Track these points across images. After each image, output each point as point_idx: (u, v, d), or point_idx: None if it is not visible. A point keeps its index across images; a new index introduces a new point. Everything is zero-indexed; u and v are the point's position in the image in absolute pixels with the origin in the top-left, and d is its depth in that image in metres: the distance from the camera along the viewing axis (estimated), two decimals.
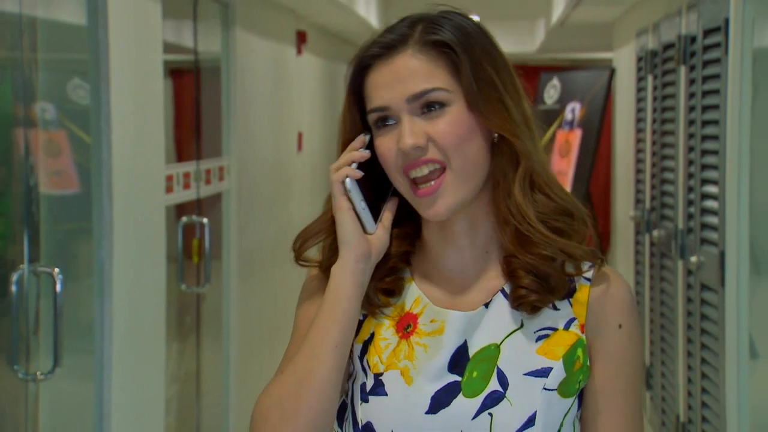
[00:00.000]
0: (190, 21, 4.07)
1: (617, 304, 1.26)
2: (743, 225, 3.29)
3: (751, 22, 3.24)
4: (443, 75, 1.23)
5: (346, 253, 1.23)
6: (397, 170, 1.23)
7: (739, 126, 3.30)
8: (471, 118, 1.22)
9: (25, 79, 2.68)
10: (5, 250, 2.63)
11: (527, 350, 1.23)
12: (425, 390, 1.22)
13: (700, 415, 3.82)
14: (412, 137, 1.21)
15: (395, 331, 1.26)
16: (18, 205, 2.67)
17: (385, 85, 1.23)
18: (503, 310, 1.25)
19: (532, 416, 1.21)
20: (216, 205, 4.40)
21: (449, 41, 1.23)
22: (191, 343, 4.19)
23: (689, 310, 3.99)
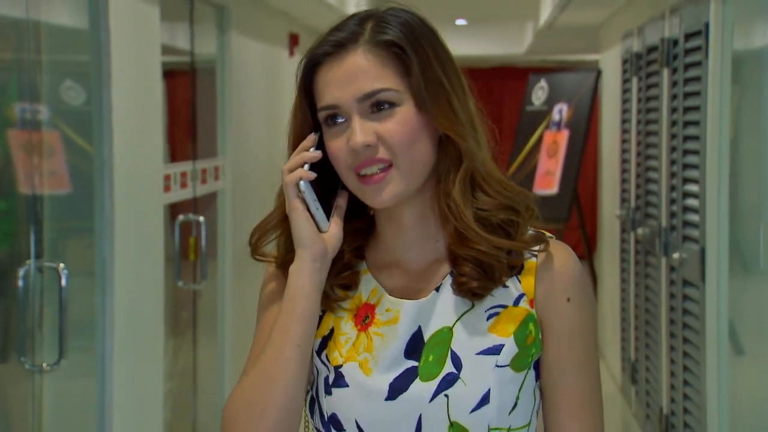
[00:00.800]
0: (186, 24, 4.15)
1: (565, 278, 1.27)
2: (723, 222, 3.38)
3: (730, 27, 3.33)
4: (393, 75, 1.24)
5: (303, 254, 1.24)
6: (346, 168, 1.25)
7: (719, 127, 3.40)
8: (419, 117, 1.24)
9: (30, 82, 2.76)
10: (12, 247, 2.71)
11: (479, 330, 1.25)
12: (383, 379, 1.24)
13: (683, 407, 3.91)
14: (362, 136, 1.22)
15: (354, 324, 1.28)
16: (22, 204, 2.75)
17: (335, 84, 1.23)
18: (453, 294, 1.27)
19: (486, 394, 1.23)
20: (211, 204, 4.48)
21: (399, 41, 1.24)
22: (188, 339, 4.27)
23: (672, 306, 4.09)
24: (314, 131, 1.27)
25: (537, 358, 1.27)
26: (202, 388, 4.41)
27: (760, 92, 3.08)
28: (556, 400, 1.27)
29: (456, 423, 1.22)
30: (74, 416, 3.07)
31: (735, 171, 3.30)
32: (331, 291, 1.29)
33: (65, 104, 3.06)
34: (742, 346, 3.29)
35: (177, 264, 3.99)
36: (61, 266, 2.62)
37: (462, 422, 1.22)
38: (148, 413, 3.49)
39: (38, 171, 2.81)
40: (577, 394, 1.26)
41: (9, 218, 2.71)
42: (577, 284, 1.27)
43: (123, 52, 3.13)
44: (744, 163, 3.29)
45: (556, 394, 1.27)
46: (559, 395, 1.26)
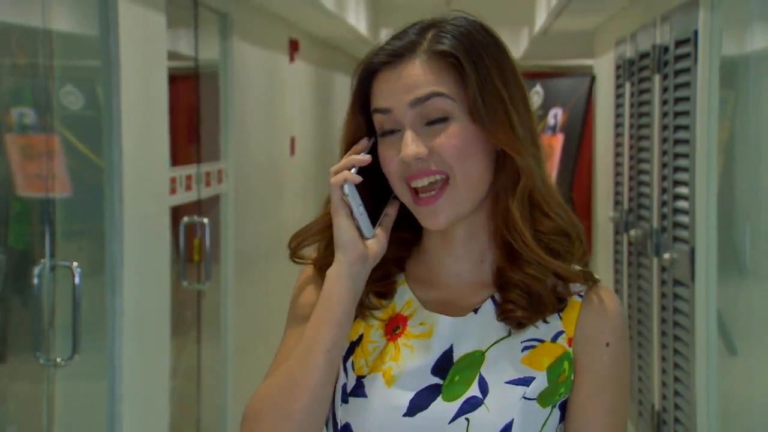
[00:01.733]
0: (191, 30, 4.24)
1: (607, 323, 1.24)
2: (711, 223, 3.47)
3: (718, 34, 3.43)
4: (449, 84, 1.21)
5: (341, 258, 1.21)
6: (398, 178, 1.22)
7: (708, 131, 3.49)
8: (474, 131, 1.20)
9: (44, 87, 2.86)
10: (26, 247, 2.80)
11: (512, 359, 1.22)
12: (405, 392, 1.21)
13: (673, 403, 4.01)
14: (413, 148, 1.19)
15: (383, 333, 1.25)
16: (36, 206, 2.83)
17: (389, 89, 1.21)
18: (491, 318, 1.24)
19: (509, 424, 1.19)
20: (214, 207, 4.57)
21: (456, 51, 1.20)
22: (192, 338, 4.35)
23: (663, 305, 4.18)
24: (367, 137, 1.26)
25: (564, 399, 1.24)
26: (206, 386, 4.49)
27: (749, 96, 3.18)
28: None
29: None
30: (85, 411, 3.16)
31: (729, 173, 3.39)
32: (366, 298, 1.26)
33: (65, 109, 3.10)
34: (735, 346, 3.36)
35: (182, 264, 4.07)
36: (74, 265, 2.71)
37: None
38: (155, 408, 3.58)
39: (50, 174, 2.90)
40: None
41: (23, 219, 2.80)
42: (619, 331, 1.24)
43: (131, 58, 3.22)
44: (737, 166, 3.38)
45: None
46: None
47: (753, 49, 3.10)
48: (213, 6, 4.45)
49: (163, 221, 3.66)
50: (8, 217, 2.72)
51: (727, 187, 3.38)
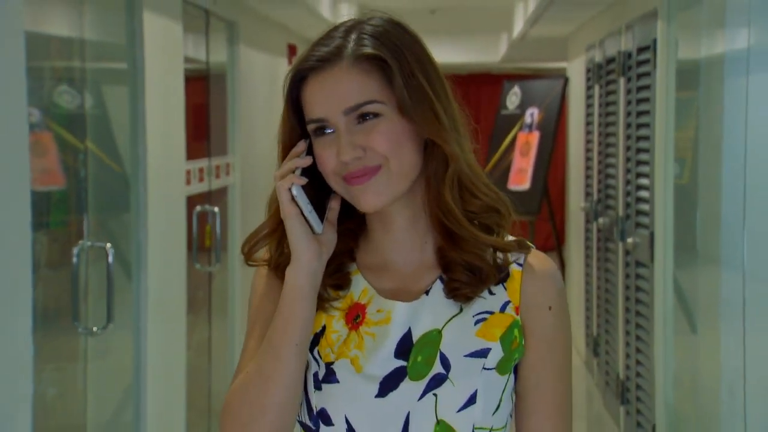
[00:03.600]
0: (203, 36, 4.43)
1: (547, 287, 1.26)
2: (669, 210, 3.68)
3: (674, 42, 3.63)
4: (376, 86, 1.21)
5: (299, 256, 1.20)
6: (333, 174, 1.22)
7: (665, 128, 3.70)
8: (403, 124, 1.21)
9: (78, 89, 3.05)
10: (65, 229, 2.99)
11: (467, 333, 1.23)
12: (374, 376, 1.22)
13: (635, 372, 4.23)
14: (350, 151, 1.20)
15: (345, 322, 1.26)
16: (72, 193, 3.03)
17: (322, 98, 1.21)
18: (442, 298, 1.25)
19: (473, 395, 1.22)
20: (223, 197, 4.76)
21: (381, 53, 1.20)
22: (203, 315, 4.52)
23: (627, 284, 4.39)
24: (303, 139, 1.25)
25: (517, 363, 1.26)
26: (216, 359, 4.66)
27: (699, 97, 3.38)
28: (532, 403, 1.26)
29: (442, 421, 1.21)
30: (115, 376, 3.35)
31: (694, 166, 3.45)
32: (324, 291, 1.26)
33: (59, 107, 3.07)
34: (696, 325, 3.47)
35: (195, 249, 4.24)
36: (108, 246, 2.90)
37: (448, 421, 1.21)
38: (174, 376, 3.78)
39: (84, 166, 3.09)
40: (553, 397, 1.26)
41: (61, 206, 2.99)
42: (557, 293, 1.27)
43: (154, 63, 3.42)
44: (699, 159, 3.55)
45: (533, 396, 1.26)
46: (537, 398, 1.26)
47: (703, 55, 3.30)
48: (222, 15, 4.65)
49: (180, 209, 3.86)
50: (50, 204, 2.90)
51: (692, 178, 3.54)
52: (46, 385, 2.79)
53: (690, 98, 3.49)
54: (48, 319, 2.81)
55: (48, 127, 2.88)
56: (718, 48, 3.08)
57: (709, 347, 3.18)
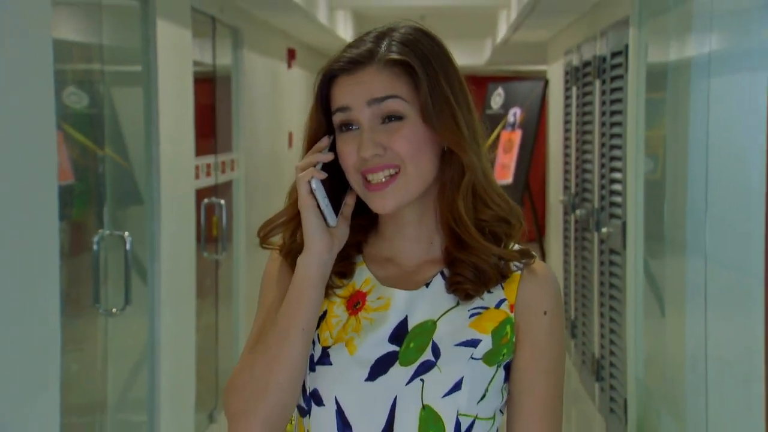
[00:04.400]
0: (210, 41, 4.49)
1: (544, 293, 1.24)
2: (639, 201, 3.76)
3: (644, 47, 3.71)
4: (403, 88, 1.20)
5: (312, 246, 1.20)
6: (354, 170, 1.21)
7: (636, 127, 3.78)
8: (425, 130, 1.20)
9: (96, 89, 3.12)
10: (85, 219, 3.07)
11: (461, 325, 1.22)
12: (366, 358, 1.21)
13: (609, 351, 4.32)
14: (371, 148, 1.19)
15: (346, 308, 1.25)
16: (92, 186, 3.10)
17: (349, 91, 1.21)
18: (441, 290, 1.24)
19: (458, 381, 1.20)
20: (228, 191, 4.83)
21: (410, 60, 1.20)
22: (210, 301, 4.59)
23: (602, 271, 4.48)
24: (327, 135, 1.25)
25: (508, 361, 1.24)
26: (222, 340, 4.74)
27: (667, 97, 3.47)
28: (524, 405, 1.23)
29: (428, 406, 1.19)
30: (132, 354, 3.43)
31: (664, 162, 3.51)
32: (330, 279, 1.25)
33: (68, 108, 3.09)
34: (664, 309, 3.51)
35: (203, 238, 4.32)
36: (126, 234, 2.98)
37: (434, 406, 1.19)
38: (185, 356, 3.85)
39: (102, 162, 3.16)
40: (543, 399, 1.23)
41: (83, 197, 3.06)
42: (554, 299, 1.24)
43: (166, 66, 3.49)
44: (667, 156, 3.63)
45: (525, 398, 1.23)
46: (528, 400, 1.23)
47: (671, 59, 3.38)
48: (227, 22, 4.72)
49: (189, 201, 3.93)
50: (72, 196, 2.97)
51: (661, 173, 3.60)
52: (70, 362, 2.87)
53: (659, 99, 3.56)
54: (70, 301, 2.89)
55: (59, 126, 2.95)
56: (685, 53, 3.15)
57: (676, 328, 3.26)
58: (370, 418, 1.19)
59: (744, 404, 2.39)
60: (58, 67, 2.91)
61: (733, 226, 2.54)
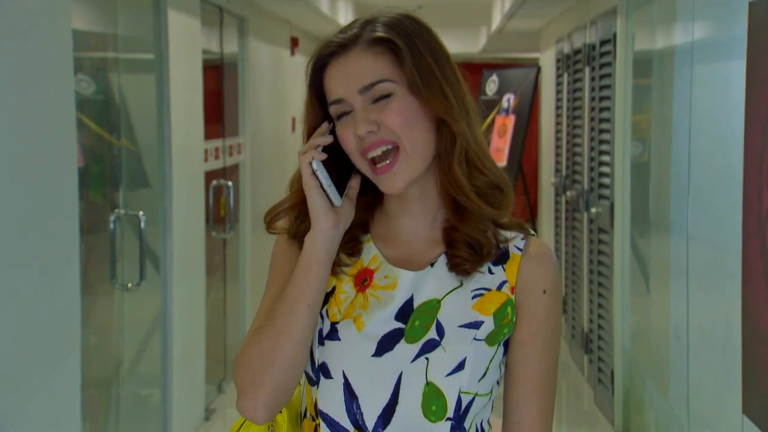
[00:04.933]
0: (217, 30, 4.53)
1: (544, 273, 1.25)
2: (626, 183, 3.82)
3: (632, 36, 3.75)
4: (388, 67, 1.21)
5: (317, 224, 1.21)
6: (357, 153, 1.22)
7: (624, 112, 3.83)
8: (415, 103, 1.20)
9: (104, 77, 3.17)
10: (102, 200, 3.12)
11: (464, 306, 1.23)
12: (373, 335, 1.22)
13: (597, 324, 4.39)
14: (365, 125, 1.20)
15: (353, 285, 1.25)
16: (109, 167, 3.16)
17: (339, 81, 1.21)
18: (445, 271, 1.25)
19: (462, 361, 1.21)
20: (235, 173, 4.88)
21: (391, 37, 1.20)
22: (219, 277, 4.65)
23: (591, 249, 4.53)
24: (326, 121, 1.25)
25: (507, 338, 1.25)
26: (230, 315, 4.80)
27: (652, 83, 3.51)
28: (520, 376, 1.25)
29: (432, 383, 1.21)
30: (146, 326, 3.49)
31: (650, 146, 3.54)
32: (338, 257, 1.25)
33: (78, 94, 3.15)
34: (649, 282, 3.59)
35: (212, 218, 4.37)
36: (140, 213, 3.03)
37: (437, 383, 1.21)
38: (195, 330, 3.92)
39: (117, 147, 3.21)
40: (539, 372, 1.25)
41: (99, 179, 3.12)
42: (553, 279, 1.26)
43: (177, 54, 3.54)
44: (651, 139, 3.68)
45: (521, 370, 1.25)
46: (524, 372, 1.25)
47: (657, 47, 3.43)
48: (234, 12, 4.76)
49: (199, 183, 3.99)
50: (89, 178, 3.02)
51: (647, 156, 3.65)
52: (88, 334, 2.93)
53: (646, 85, 3.61)
54: (87, 278, 2.94)
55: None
56: (669, 41, 3.19)
57: (660, 302, 3.32)
58: (376, 391, 1.20)
59: (722, 371, 2.45)
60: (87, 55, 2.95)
61: (713, 206, 2.60)
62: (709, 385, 2.68)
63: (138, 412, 3.39)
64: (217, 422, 4.13)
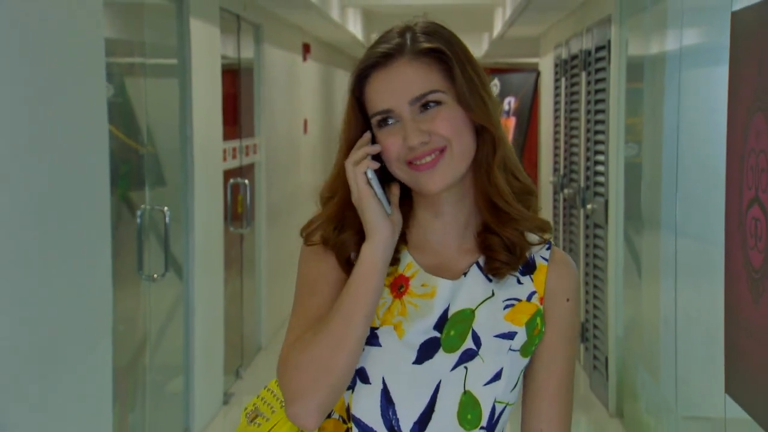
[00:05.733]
0: (235, 37, 4.61)
1: (568, 281, 1.24)
2: (620, 181, 3.88)
3: (625, 43, 3.81)
4: (438, 77, 1.17)
5: (377, 233, 1.16)
6: (397, 160, 1.18)
7: (618, 114, 3.89)
8: (460, 111, 1.18)
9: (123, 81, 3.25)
10: (129, 196, 3.20)
11: (497, 316, 1.21)
12: (413, 343, 1.19)
13: (593, 315, 4.44)
14: (417, 136, 1.16)
15: (390, 291, 1.22)
16: (135, 169, 3.23)
17: (387, 91, 1.17)
18: (478, 280, 1.22)
19: (499, 372, 1.20)
20: (251, 172, 4.94)
21: (440, 48, 1.17)
22: (236, 270, 4.72)
23: (587, 243, 4.59)
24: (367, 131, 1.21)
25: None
26: (246, 306, 4.87)
27: (644, 87, 3.57)
28: (540, 384, 1.23)
29: (469, 392, 1.19)
30: (170, 314, 3.57)
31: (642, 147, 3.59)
32: None
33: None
34: (641, 274, 3.65)
35: (230, 214, 4.43)
36: (165, 209, 3.11)
37: (474, 392, 1.19)
38: (214, 318, 4.00)
39: (135, 147, 3.29)
40: (558, 380, 1.23)
41: (127, 177, 3.20)
42: (575, 287, 1.25)
43: (198, 59, 3.62)
44: (645, 139, 3.73)
45: (542, 377, 1.23)
46: (545, 379, 1.23)
47: (648, 53, 3.49)
48: (250, 20, 4.83)
49: (218, 181, 4.07)
50: (117, 177, 3.10)
51: (640, 156, 3.66)
52: (116, 323, 3.01)
53: (638, 89, 3.67)
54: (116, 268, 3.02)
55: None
56: (660, 48, 3.25)
57: (652, 293, 3.37)
58: (414, 398, 1.18)
59: (707, 356, 2.51)
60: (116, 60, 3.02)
61: (700, 203, 2.66)
62: (695, 369, 2.75)
63: (161, 396, 3.47)
64: (235, 406, 4.21)
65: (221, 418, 4.06)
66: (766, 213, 1.97)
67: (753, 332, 2.05)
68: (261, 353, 5.11)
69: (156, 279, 3.12)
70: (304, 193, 6.47)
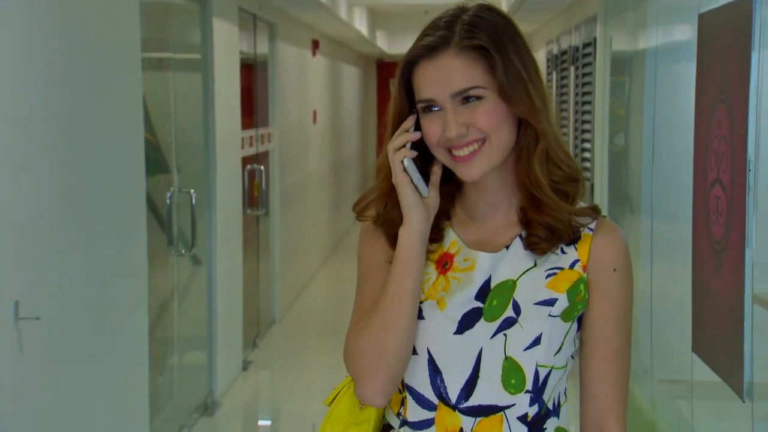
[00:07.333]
0: (251, 34, 4.71)
1: (614, 252, 1.20)
2: (604, 166, 4.00)
3: (609, 40, 3.91)
4: (480, 73, 1.14)
5: (411, 218, 1.17)
6: (438, 146, 1.17)
7: (603, 105, 4.01)
8: (502, 105, 1.15)
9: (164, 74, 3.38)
10: (159, 180, 3.34)
11: (538, 285, 1.19)
12: (454, 315, 1.19)
13: None
14: (456, 128, 1.14)
15: (435, 267, 1.21)
16: (162, 156, 3.37)
17: (431, 82, 1.15)
18: (520, 252, 1.20)
19: (538, 337, 1.18)
20: (266, 159, 5.06)
21: (485, 45, 1.13)
22: (253, 250, 4.83)
23: None
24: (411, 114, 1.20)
25: (581, 313, 1.21)
26: (262, 284, 5.00)
27: (626, 81, 3.69)
28: (594, 350, 1.21)
29: (510, 358, 1.18)
30: (195, 290, 3.72)
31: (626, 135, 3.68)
32: None
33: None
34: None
35: (247, 198, 4.54)
36: (192, 191, 3.25)
37: (515, 358, 1.18)
38: (234, 294, 4.15)
39: (171, 134, 3.43)
40: (612, 345, 1.21)
41: (157, 163, 3.33)
42: (623, 257, 1.21)
43: (219, 55, 3.75)
44: (628, 128, 3.79)
45: (595, 344, 1.21)
46: (598, 345, 1.21)
47: (630, 49, 3.61)
48: (265, 19, 4.94)
49: (237, 167, 4.20)
50: (148, 163, 3.24)
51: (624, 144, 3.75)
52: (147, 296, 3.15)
53: (621, 82, 3.75)
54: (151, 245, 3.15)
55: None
56: (640, 44, 3.35)
57: (633, 270, 3.49)
58: (458, 367, 1.19)
59: (678, 321, 2.65)
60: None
61: (671, 185, 2.80)
62: (668, 335, 2.89)
63: (187, 364, 3.61)
64: (252, 373, 4.37)
65: (241, 382, 4.21)
66: (726, 191, 2.12)
67: (715, 297, 2.20)
68: (275, 326, 5.25)
69: (184, 254, 3.25)
70: (313, 179, 6.60)
